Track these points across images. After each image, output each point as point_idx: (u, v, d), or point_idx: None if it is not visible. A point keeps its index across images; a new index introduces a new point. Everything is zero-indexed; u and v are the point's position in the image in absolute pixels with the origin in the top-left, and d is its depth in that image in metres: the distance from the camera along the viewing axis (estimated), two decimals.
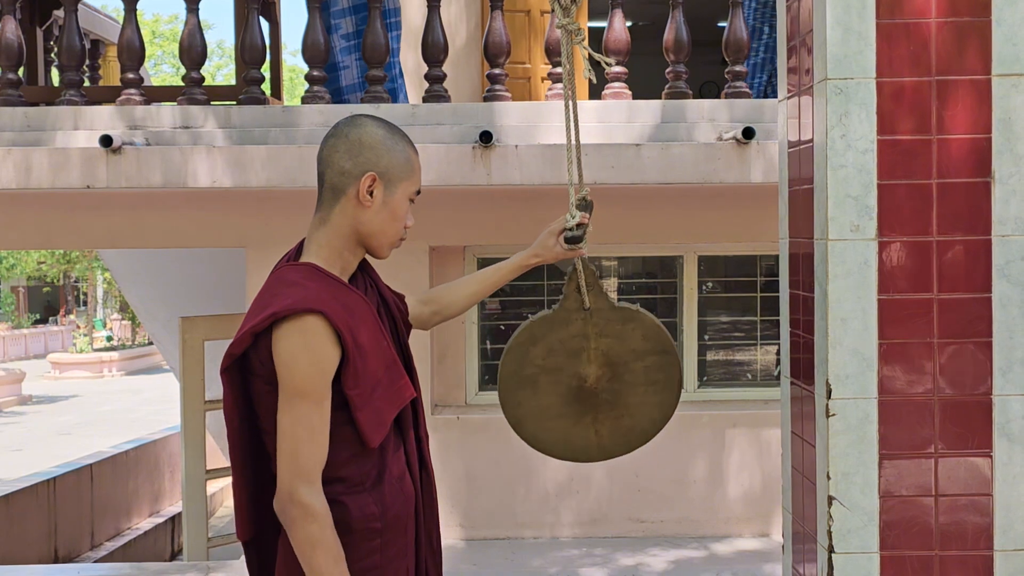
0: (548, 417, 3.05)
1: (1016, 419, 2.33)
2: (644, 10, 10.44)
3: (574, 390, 3.04)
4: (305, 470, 2.13)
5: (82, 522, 9.55)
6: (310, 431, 2.13)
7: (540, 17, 7.59)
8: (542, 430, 3.08)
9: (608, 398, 3.04)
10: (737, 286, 6.93)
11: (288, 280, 2.21)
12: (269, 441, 2.23)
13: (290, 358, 2.12)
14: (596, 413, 3.05)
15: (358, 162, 2.24)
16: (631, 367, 3.03)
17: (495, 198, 5.98)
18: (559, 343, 3.00)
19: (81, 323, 32.53)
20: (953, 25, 2.31)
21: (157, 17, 30.95)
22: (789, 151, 2.63)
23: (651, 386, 3.05)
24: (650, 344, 3.03)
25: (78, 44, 5.72)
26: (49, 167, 5.32)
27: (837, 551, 2.34)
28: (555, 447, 3.10)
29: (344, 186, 2.25)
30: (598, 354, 3.01)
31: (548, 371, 3.01)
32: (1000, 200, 2.32)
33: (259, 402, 2.22)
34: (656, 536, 6.39)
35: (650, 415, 3.08)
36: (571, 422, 3.05)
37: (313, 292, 2.16)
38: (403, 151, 2.29)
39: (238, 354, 2.19)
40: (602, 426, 3.06)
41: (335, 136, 2.28)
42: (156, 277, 8.56)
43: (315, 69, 5.64)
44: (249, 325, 2.16)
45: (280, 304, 2.14)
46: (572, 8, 2.83)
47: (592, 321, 2.98)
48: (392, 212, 2.28)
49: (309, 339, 2.12)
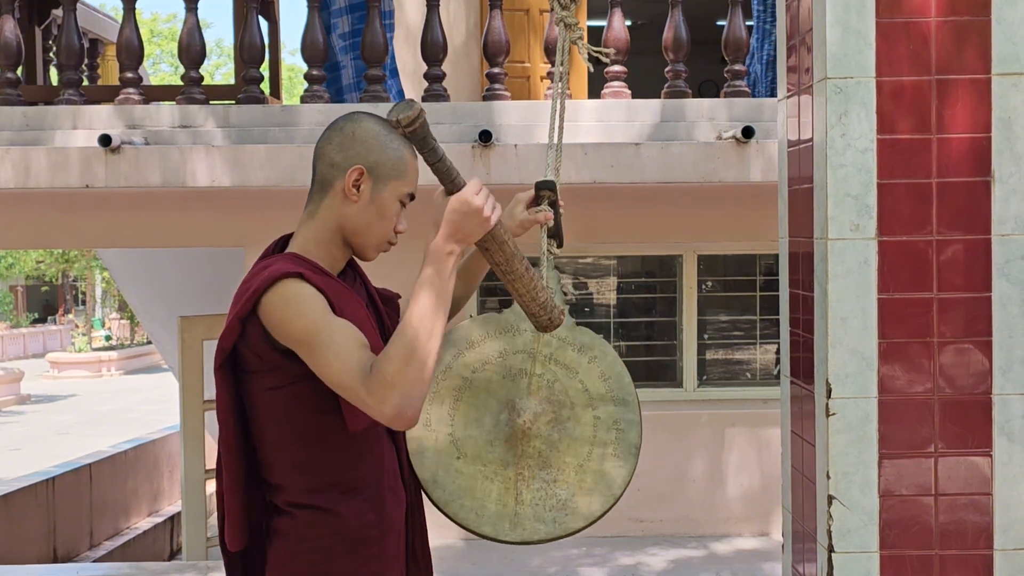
0: (461, 453, 2.36)
1: (1016, 418, 2.33)
2: (643, 9, 10.44)
3: (502, 425, 2.36)
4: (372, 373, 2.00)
5: (81, 522, 9.55)
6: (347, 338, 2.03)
7: (539, 16, 7.59)
8: (447, 471, 2.35)
9: (542, 450, 2.35)
10: (736, 285, 6.93)
11: (265, 266, 2.17)
12: (262, 446, 2.17)
13: (291, 313, 2.05)
14: (523, 468, 2.34)
15: (348, 155, 2.18)
16: (578, 415, 2.38)
17: (495, 197, 5.97)
18: (498, 355, 2.41)
19: (80, 322, 32.54)
20: (953, 24, 2.31)
21: (156, 16, 30.96)
22: (789, 150, 2.63)
23: (599, 448, 2.36)
24: (607, 388, 2.41)
25: (77, 43, 5.71)
26: (48, 166, 5.32)
27: (837, 550, 2.34)
28: (458, 498, 2.34)
29: (332, 179, 2.19)
30: (541, 384, 2.38)
31: (475, 390, 2.39)
32: (1000, 199, 2.32)
33: (254, 403, 2.16)
34: (655, 535, 6.39)
35: (590, 490, 2.34)
36: (488, 470, 2.34)
37: (290, 266, 2.11)
38: (397, 149, 2.21)
39: (229, 347, 2.13)
40: (526, 489, 2.33)
41: (331, 129, 2.24)
42: (155, 276, 8.56)
43: (314, 68, 5.64)
44: (234, 312, 2.11)
45: (258, 282, 2.09)
46: (571, 4, 2.81)
47: (544, 338, 2.40)
48: (379, 211, 2.20)
49: (297, 290, 2.06)
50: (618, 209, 6.17)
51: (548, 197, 2.47)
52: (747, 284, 6.87)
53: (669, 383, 6.76)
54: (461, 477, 2.34)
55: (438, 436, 2.35)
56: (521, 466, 2.35)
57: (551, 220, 2.46)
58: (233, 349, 2.15)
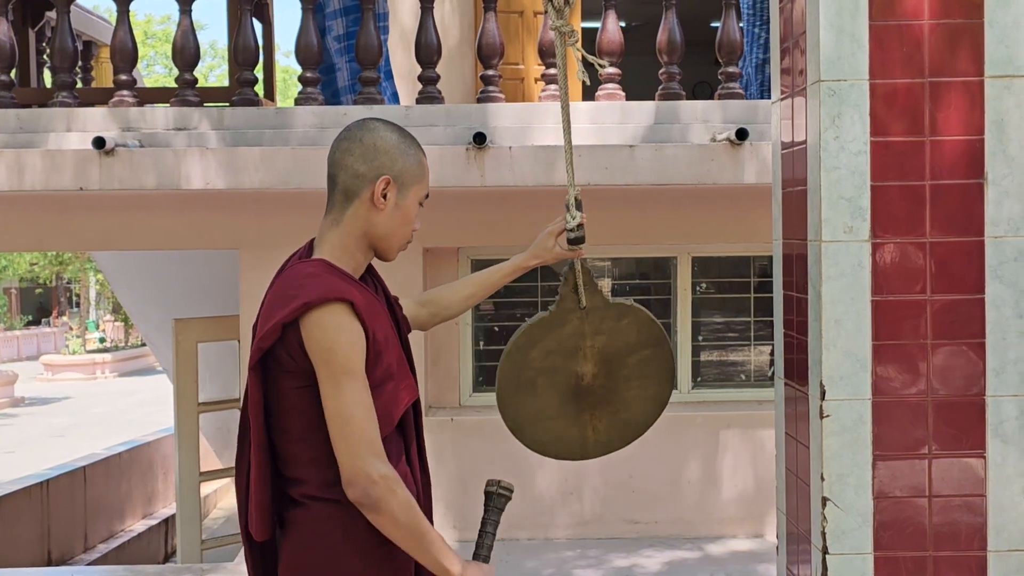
0: (546, 418, 3.04)
1: (1009, 420, 2.34)
2: (637, 11, 10.45)
3: (571, 389, 3.02)
4: (374, 445, 2.17)
5: (75, 524, 9.53)
6: (365, 407, 2.17)
7: (533, 18, 7.59)
8: (540, 431, 3.06)
9: (604, 394, 3.04)
10: (731, 287, 6.93)
11: (308, 273, 2.25)
12: (286, 440, 2.25)
13: (329, 342, 2.16)
14: (593, 410, 3.05)
15: (373, 166, 2.29)
16: (625, 362, 3.03)
17: (489, 199, 5.98)
18: (556, 344, 2.98)
19: (74, 325, 32.43)
20: (946, 27, 2.32)
21: (149, 18, 30.88)
22: (782, 152, 2.64)
23: (645, 379, 3.06)
24: (643, 337, 3.04)
25: (70, 45, 5.71)
26: (42, 169, 5.31)
27: (831, 552, 2.34)
28: (553, 446, 3.08)
29: (358, 189, 2.30)
30: (594, 351, 3.00)
31: (545, 373, 3.00)
32: (993, 201, 2.33)
33: (281, 400, 2.24)
34: (650, 537, 6.40)
35: (644, 408, 3.08)
36: (568, 421, 3.04)
37: (338, 283, 2.22)
38: (415, 155, 2.35)
39: (267, 348, 2.21)
40: (599, 422, 3.05)
41: (348, 139, 2.32)
42: (149, 279, 8.54)
43: (308, 70, 5.64)
44: (279, 316, 2.18)
45: (310, 294, 2.18)
46: (565, 10, 2.82)
47: (588, 320, 2.98)
48: (404, 215, 2.34)
49: (343, 322, 2.17)
50: (612, 211, 6.18)
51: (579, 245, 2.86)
52: (741, 286, 6.88)
53: None
54: (550, 432, 3.03)
55: (527, 414, 3.01)
56: (592, 409, 3.03)
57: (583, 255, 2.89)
58: (269, 350, 2.22)
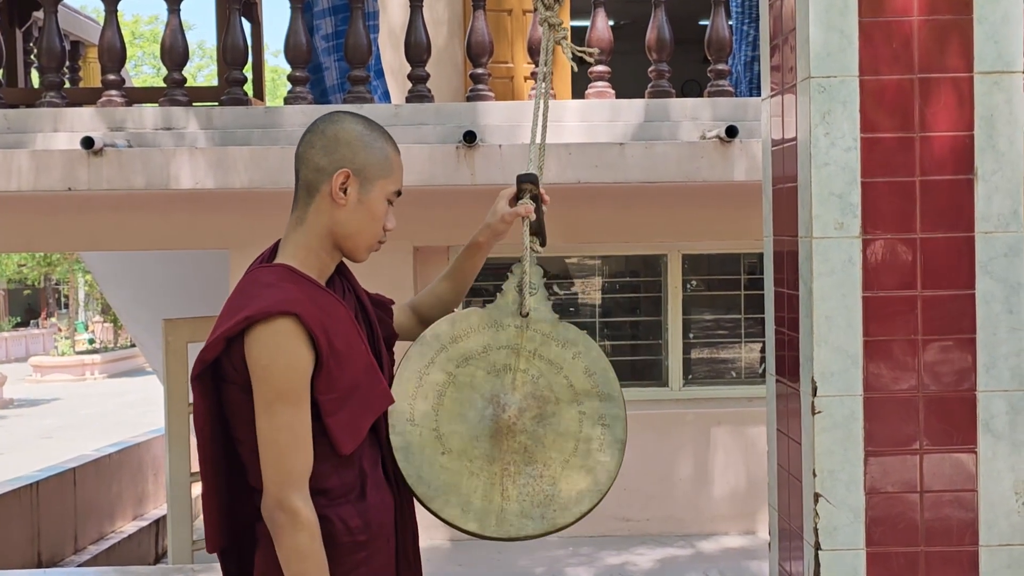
0: (445, 449, 2.33)
1: (1000, 415, 2.34)
2: (626, 9, 10.45)
3: (488, 420, 2.35)
4: (293, 476, 2.07)
5: (65, 526, 9.50)
6: (293, 436, 2.07)
7: (523, 16, 7.59)
8: (432, 467, 2.32)
9: (527, 445, 2.35)
10: (721, 284, 6.95)
11: (262, 282, 2.15)
12: (244, 451, 2.17)
13: (266, 362, 2.06)
14: (508, 463, 2.34)
15: (333, 159, 2.17)
16: (563, 411, 2.38)
17: (479, 198, 5.95)
18: (482, 351, 2.40)
19: (63, 326, 32.34)
20: (935, 23, 2.32)
21: (137, 17, 30.78)
22: (773, 149, 2.64)
23: (584, 443, 2.37)
24: (592, 383, 2.40)
25: (58, 45, 5.69)
26: (30, 169, 5.29)
27: (823, 548, 2.34)
28: (443, 494, 2.32)
29: (318, 183, 2.17)
30: (526, 380, 2.38)
31: (459, 384, 2.37)
32: (983, 197, 2.33)
33: (233, 410, 2.15)
34: (642, 535, 6.40)
35: (575, 484, 2.35)
36: (474, 466, 2.33)
37: (288, 294, 2.10)
38: (381, 148, 2.21)
39: (210, 360, 2.12)
40: (511, 484, 2.33)
41: (311, 132, 2.21)
42: (138, 279, 8.52)
43: (297, 69, 5.62)
44: (222, 329, 2.10)
45: (254, 307, 2.07)
46: (555, 5, 2.80)
47: (527, 333, 2.41)
48: (369, 212, 2.20)
49: (284, 341, 2.06)
50: (602, 209, 6.18)
51: (530, 191, 2.47)
52: (732, 283, 6.89)
53: (655, 382, 6.77)
54: (446, 473, 2.33)
55: (423, 432, 2.34)
56: (506, 461, 2.35)
57: (532, 214, 2.46)
58: (215, 361, 2.14)
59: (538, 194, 2.48)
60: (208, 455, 2.20)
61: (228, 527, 2.24)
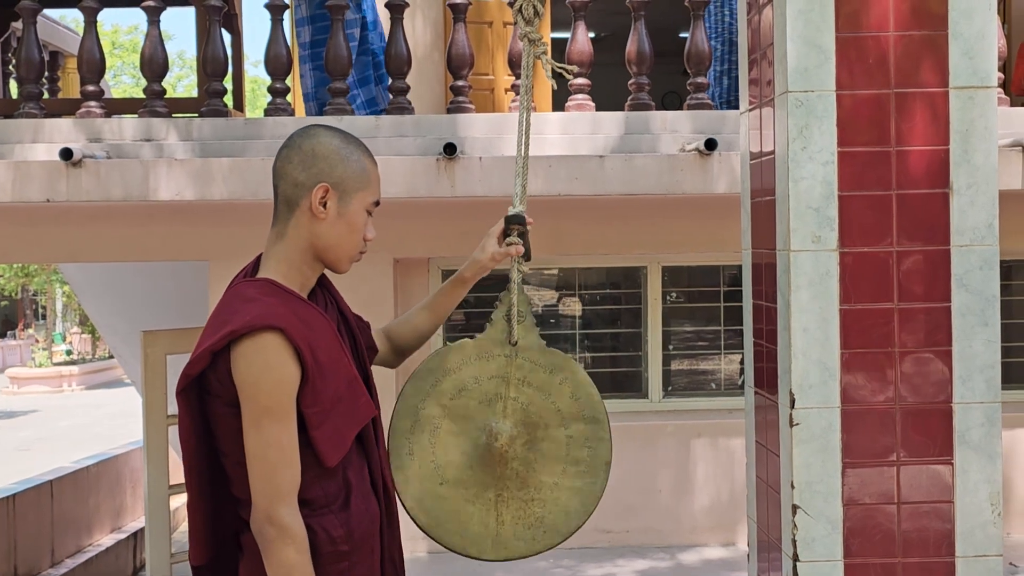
0: (443, 479, 2.44)
1: (976, 427, 2.36)
2: (606, 21, 10.50)
3: (482, 449, 2.44)
4: (282, 491, 2.09)
5: (42, 539, 9.42)
6: (281, 450, 2.09)
7: (503, 28, 7.61)
8: (431, 496, 2.44)
9: (519, 470, 2.45)
10: (701, 296, 6.97)
11: (246, 296, 2.16)
12: (228, 463, 2.18)
13: (253, 377, 2.07)
14: (501, 489, 2.44)
15: (311, 173, 2.18)
16: (552, 434, 2.48)
17: (459, 210, 5.98)
18: (473, 381, 2.49)
19: (40, 337, 32.13)
20: (911, 39, 2.34)
21: (116, 28, 30.69)
22: (751, 163, 2.66)
23: (572, 465, 2.48)
24: (579, 407, 2.50)
25: (37, 56, 5.67)
26: (8, 180, 5.27)
27: (802, 559, 2.35)
28: (443, 523, 2.44)
29: (298, 198, 2.19)
30: (516, 407, 2.47)
31: (454, 416, 2.47)
32: (958, 211, 2.35)
33: (217, 424, 2.16)
34: (622, 546, 6.40)
35: (565, 504, 2.46)
36: (469, 493, 2.44)
37: (271, 308, 2.11)
38: (358, 161, 2.23)
39: (195, 375, 2.13)
40: (505, 509, 2.44)
41: (288, 147, 2.22)
42: (117, 290, 8.48)
43: (277, 81, 5.62)
44: (207, 343, 2.10)
45: (238, 321, 2.08)
46: (535, 20, 2.82)
47: (516, 362, 2.50)
48: (349, 224, 2.22)
49: (269, 357, 2.07)
50: (582, 221, 6.20)
51: (517, 230, 2.55)
52: (711, 295, 6.91)
53: (634, 394, 6.78)
54: (445, 502, 2.44)
55: (421, 464, 2.43)
56: (500, 487, 2.45)
57: (522, 252, 2.56)
58: (200, 375, 2.15)
59: (525, 231, 2.57)
60: (193, 468, 2.20)
61: (213, 540, 2.25)
